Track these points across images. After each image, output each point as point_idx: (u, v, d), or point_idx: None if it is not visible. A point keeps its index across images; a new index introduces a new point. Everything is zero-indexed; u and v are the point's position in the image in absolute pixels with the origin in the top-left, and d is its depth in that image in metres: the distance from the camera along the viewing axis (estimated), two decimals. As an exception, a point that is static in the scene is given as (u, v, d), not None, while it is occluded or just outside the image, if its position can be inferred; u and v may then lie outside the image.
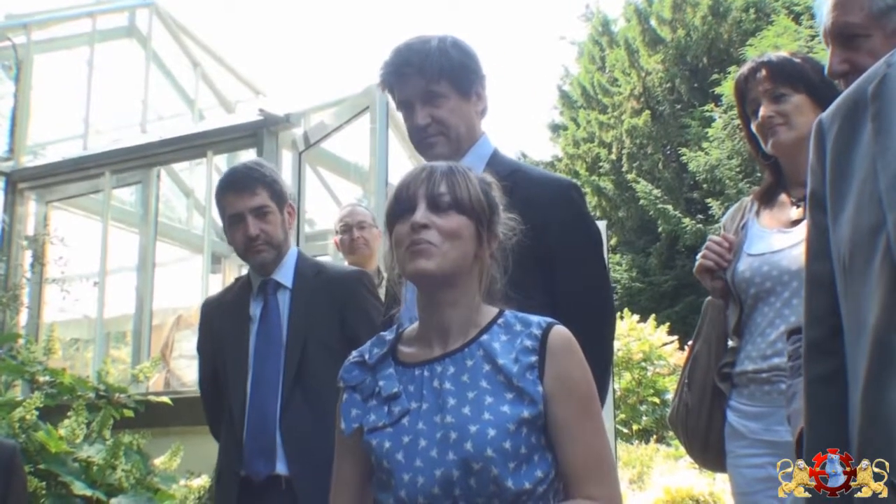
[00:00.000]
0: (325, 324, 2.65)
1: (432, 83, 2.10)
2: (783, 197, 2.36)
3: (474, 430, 1.47)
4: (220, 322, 2.79)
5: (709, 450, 2.33)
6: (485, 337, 1.57)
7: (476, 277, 1.62)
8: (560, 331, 1.57)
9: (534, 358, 1.53)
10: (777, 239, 2.27)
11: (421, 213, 1.56)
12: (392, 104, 2.33)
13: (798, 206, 2.29)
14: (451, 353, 1.57)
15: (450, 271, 1.56)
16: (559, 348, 1.54)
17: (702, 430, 2.32)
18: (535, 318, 1.59)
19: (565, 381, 1.52)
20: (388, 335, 1.68)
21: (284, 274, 2.72)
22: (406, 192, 1.60)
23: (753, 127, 2.37)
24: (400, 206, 1.60)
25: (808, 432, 1.38)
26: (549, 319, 1.59)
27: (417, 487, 1.48)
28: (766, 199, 2.40)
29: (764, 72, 2.33)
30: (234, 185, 2.68)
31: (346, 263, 4.01)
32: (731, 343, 2.34)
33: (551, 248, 1.92)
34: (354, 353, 1.68)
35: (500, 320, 1.60)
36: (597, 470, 1.51)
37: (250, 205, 2.64)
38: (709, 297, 2.42)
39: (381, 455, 1.53)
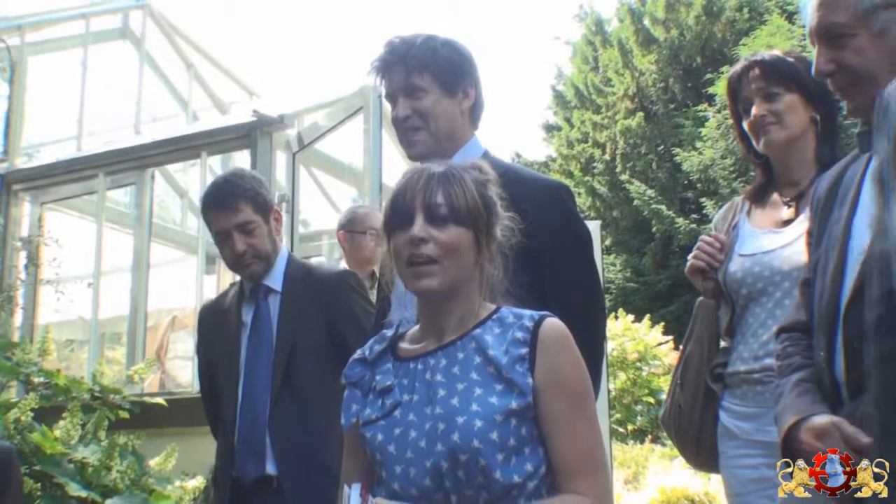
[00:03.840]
0: (312, 326, 2.67)
1: (413, 75, 2.10)
2: (775, 196, 2.36)
3: (461, 421, 1.47)
4: (216, 327, 2.83)
5: (701, 450, 2.32)
6: (478, 330, 1.57)
7: (476, 282, 1.61)
8: (553, 323, 1.55)
9: (524, 350, 1.52)
10: (768, 239, 2.27)
11: (419, 227, 1.54)
12: (387, 105, 2.34)
13: (789, 206, 2.29)
14: (444, 347, 1.58)
15: (453, 285, 1.57)
16: (551, 341, 1.53)
17: (694, 430, 2.31)
18: (528, 312, 1.58)
19: (557, 375, 1.51)
20: (390, 332, 1.68)
21: (275, 278, 2.74)
22: (403, 201, 1.58)
23: (745, 126, 2.37)
24: (397, 216, 1.59)
25: (880, 413, 1.33)
26: (544, 312, 1.58)
27: (409, 479, 1.49)
28: (758, 199, 2.40)
29: (757, 70, 2.33)
30: (216, 204, 2.68)
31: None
32: (723, 343, 2.34)
33: (541, 249, 1.92)
34: (358, 350, 1.69)
35: (494, 315, 1.59)
36: (586, 465, 1.50)
37: (234, 222, 2.64)
38: (700, 298, 2.41)
39: (374, 447, 1.55)
